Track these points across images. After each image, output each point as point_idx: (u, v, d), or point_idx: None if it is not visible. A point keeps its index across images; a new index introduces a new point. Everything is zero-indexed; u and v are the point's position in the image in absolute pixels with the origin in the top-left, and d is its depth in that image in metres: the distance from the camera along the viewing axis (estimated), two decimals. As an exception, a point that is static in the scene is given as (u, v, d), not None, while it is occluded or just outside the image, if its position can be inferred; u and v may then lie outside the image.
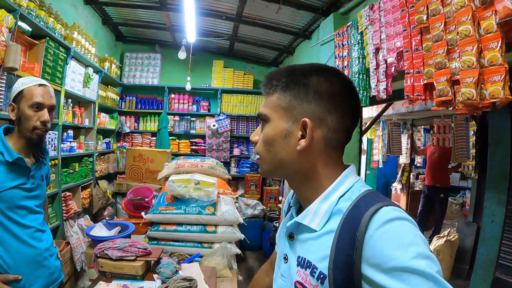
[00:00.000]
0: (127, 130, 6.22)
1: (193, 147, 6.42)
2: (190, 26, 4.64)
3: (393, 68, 2.50)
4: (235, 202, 3.77)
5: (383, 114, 4.79)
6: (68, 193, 3.94)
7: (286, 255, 0.83)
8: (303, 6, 4.15)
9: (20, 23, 2.77)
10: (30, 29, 2.95)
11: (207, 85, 6.52)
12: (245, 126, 6.58)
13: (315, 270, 0.70)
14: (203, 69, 6.61)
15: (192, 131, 6.50)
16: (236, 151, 6.53)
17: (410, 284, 0.55)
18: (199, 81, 6.49)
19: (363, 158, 6.86)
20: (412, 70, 2.21)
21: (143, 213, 2.53)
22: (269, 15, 4.61)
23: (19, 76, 2.77)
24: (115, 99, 5.94)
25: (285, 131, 0.77)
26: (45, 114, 1.59)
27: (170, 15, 5.15)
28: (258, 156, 0.83)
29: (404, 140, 5.99)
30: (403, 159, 6.14)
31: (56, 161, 3.61)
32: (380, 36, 2.59)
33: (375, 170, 7.45)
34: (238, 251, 2.31)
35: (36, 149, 1.70)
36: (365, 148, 6.94)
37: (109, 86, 5.59)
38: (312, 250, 0.73)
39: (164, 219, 2.30)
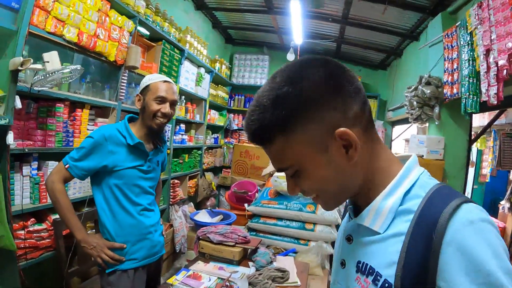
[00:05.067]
0: (235, 127, 6.57)
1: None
2: (297, 28, 4.74)
3: (504, 71, 2.33)
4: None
5: (495, 123, 4.39)
6: (176, 181, 4.36)
7: (343, 260, 0.74)
8: (409, 6, 4.00)
9: (139, 27, 3.13)
10: (148, 33, 3.39)
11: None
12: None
13: (378, 277, 0.61)
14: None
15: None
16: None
17: None
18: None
19: (471, 170, 6.28)
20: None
21: (246, 205, 2.74)
22: (375, 16, 4.51)
23: (139, 74, 3.22)
24: (225, 97, 6.31)
25: (325, 162, 0.63)
26: (167, 107, 1.76)
27: (277, 18, 5.30)
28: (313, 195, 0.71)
29: (517, 153, 5.31)
30: (515, 175, 5.46)
31: (169, 151, 4.01)
32: (491, 36, 2.43)
33: (483, 185, 6.74)
34: (333, 251, 2.36)
35: (155, 138, 1.89)
36: (474, 159, 6.35)
37: (219, 85, 6.04)
38: (376, 255, 0.64)
39: (265, 212, 2.41)
